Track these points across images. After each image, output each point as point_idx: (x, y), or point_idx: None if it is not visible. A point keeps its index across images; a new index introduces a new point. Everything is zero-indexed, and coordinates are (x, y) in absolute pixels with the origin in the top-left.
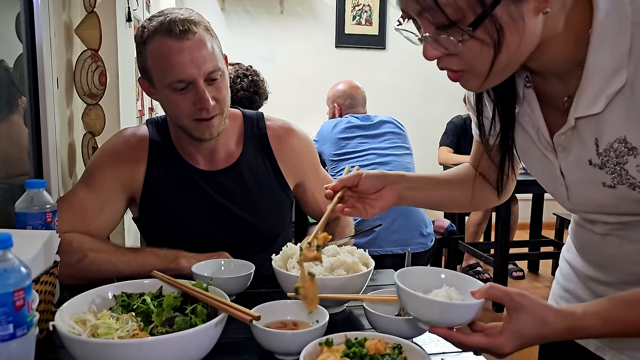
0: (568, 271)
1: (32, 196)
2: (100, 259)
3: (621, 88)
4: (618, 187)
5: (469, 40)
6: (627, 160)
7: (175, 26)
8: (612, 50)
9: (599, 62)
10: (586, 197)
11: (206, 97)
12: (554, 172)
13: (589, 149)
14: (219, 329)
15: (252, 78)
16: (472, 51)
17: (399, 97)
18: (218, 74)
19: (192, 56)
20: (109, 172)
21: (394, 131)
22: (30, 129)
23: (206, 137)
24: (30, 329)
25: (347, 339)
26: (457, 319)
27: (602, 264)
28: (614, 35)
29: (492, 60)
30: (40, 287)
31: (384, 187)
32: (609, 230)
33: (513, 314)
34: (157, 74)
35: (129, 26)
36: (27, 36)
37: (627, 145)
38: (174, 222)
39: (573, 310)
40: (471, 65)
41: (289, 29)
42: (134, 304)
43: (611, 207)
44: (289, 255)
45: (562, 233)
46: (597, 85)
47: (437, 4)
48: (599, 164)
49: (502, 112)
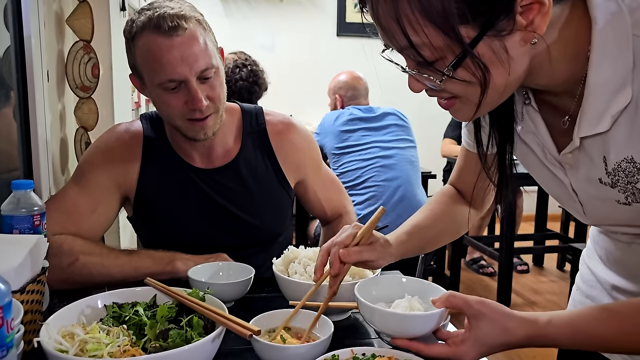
0: (590, 277)
1: (19, 198)
2: (92, 263)
3: (627, 105)
4: (633, 205)
5: (450, 80)
6: (637, 180)
7: (164, 22)
8: (614, 66)
9: (601, 79)
10: (602, 214)
11: (199, 97)
12: (566, 190)
13: (598, 168)
14: (216, 344)
15: (252, 68)
16: (457, 88)
17: (402, 88)
18: (212, 71)
19: (183, 54)
20: (101, 170)
21: (397, 123)
22: (19, 125)
23: (200, 137)
24: (11, 350)
25: (353, 356)
26: (417, 330)
27: (629, 273)
28: (614, 50)
29: (480, 96)
30: (27, 296)
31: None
32: (633, 239)
33: (473, 322)
34: (147, 72)
35: (123, 15)
36: (14, 27)
37: (635, 165)
38: (170, 222)
39: (535, 318)
40: (460, 97)
41: (289, 17)
42: (125, 315)
43: (631, 221)
44: (291, 259)
45: (568, 226)
46: (600, 103)
47: (412, 46)
48: (609, 183)
49: (499, 130)
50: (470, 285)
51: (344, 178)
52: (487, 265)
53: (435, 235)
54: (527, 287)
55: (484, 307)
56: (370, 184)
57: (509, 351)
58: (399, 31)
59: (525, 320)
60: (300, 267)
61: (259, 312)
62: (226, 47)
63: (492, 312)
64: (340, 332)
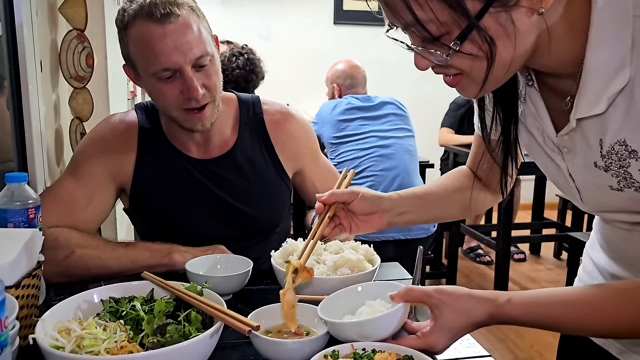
0: (592, 269)
1: (13, 191)
2: (88, 255)
3: (624, 87)
4: (625, 191)
5: (457, 54)
6: (629, 164)
7: (156, 9)
8: (613, 47)
9: (599, 60)
10: (598, 200)
11: (194, 85)
12: (563, 176)
13: (594, 151)
14: (214, 339)
15: (248, 56)
16: (464, 63)
17: (400, 76)
18: (207, 59)
19: (177, 42)
20: (96, 161)
21: (395, 112)
22: (12, 116)
23: (198, 128)
24: (5, 349)
25: (354, 352)
26: (383, 331)
27: (629, 261)
28: (614, 31)
29: (487, 68)
30: (22, 291)
31: (375, 213)
32: (632, 227)
33: (436, 311)
34: (140, 62)
35: (117, 3)
36: (6, 15)
37: (627, 148)
38: (166, 213)
39: (495, 297)
40: (467, 72)
41: (286, 5)
42: (122, 310)
43: (625, 207)
44: (289, 252)
45: (565, 214)
46: (598, 84)
47: (418, 22)
48: (603, 167)
49: (503, 111)
50: (468, 274)
51: (341, 167)
52: (484, 254)
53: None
54: (524, 275)
55: (443, 294)
56: (368, 174)
57: (507, 340)
58: (403, 7)
59: (485, 299)
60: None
61: (257, 305)
62: (222, 35)
63: (451, 298)
64: None
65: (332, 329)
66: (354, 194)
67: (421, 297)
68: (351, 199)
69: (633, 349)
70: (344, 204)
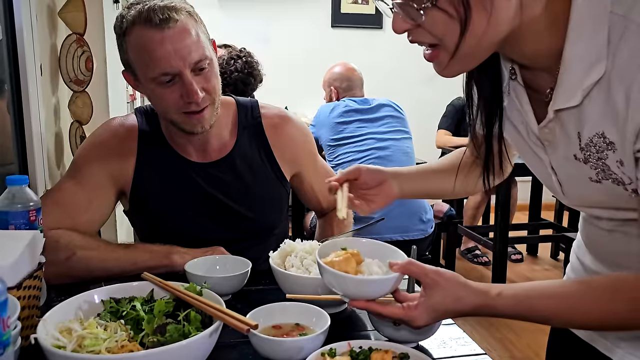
0: (578, 267)
1: (14, 193)
2: (89, 257)
3: (599, 80)
4: (604, 183)
5: (433, 11)
6: (607, 156)
7: (155, 15)
8: (590, 41)
9: (576, 53)
10: (579, 193)
11: (194, 89)
12: (545, 169)
13: (574, 143)
14: (213, 338)
15: (246, 59)
16: (437, 24)
17: (397, 79)
18: (206, 62)
19: (175, 46)
20: (96, 165)
21: (392, 115)
22: (12, 119)
23: (198, 130)
24: (8, 348)
25: (351, 350)
26: (374, 293)
27: (611, 261)
28: (591, 26)
29: (459, 38)
30: (24, 292)
31: (385, 181)
32: (614, 226)
33: (428, 290)
34: (140, 67)
35: (116, 8)
36: (5, 20)
37: (605, 140)
38: (166, 216)
39: (487, 289)
40: (440, 40)
41: (284, 8)
42: (123, 310)
43: (605, 202)
44: (287, 252)
45: (562, 215)
46: (575, 76)
47: None
48: (582, 159)
49: (486, 106)
50: (465, 274)
51: (339, 170)
52: (481, 255)
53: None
54: (522, 276)
55: (440, 277)
56: None
57: (504, 339)
58: None
59: (478, 290)
60: (297, 260)
61: (256, 305)
62: (220, 39)
63: (447, 282)
64: (336, 325)
65: (328, 277)
66: (358, 169)
67: (418, 273)
68: (357, 174)
69: (618, 344)
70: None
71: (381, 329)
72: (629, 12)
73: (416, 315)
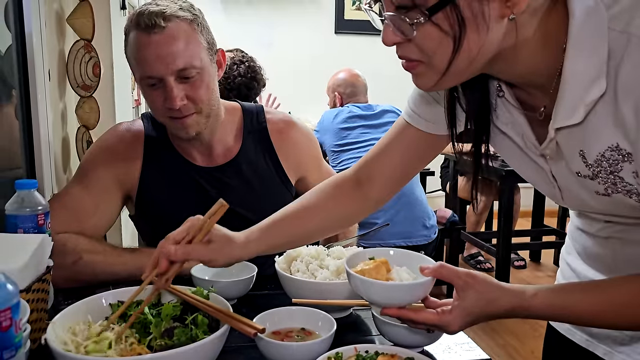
0: (570, 273)
1: (23, 197)
2: (96, 261)
3: (602, 96)
4: (613, 196)
5: (427, 26)
6: (622, 168)
7: (142, 19)
8: (589, 58)
9: (576, 71)
10: (580, 201)
11: (173, 95)
12: (545, 177)
13: (576, 161)
14: (221, 342)
15: (249, 64)
16: (430, 40)
17: (401, 85)
18: (193, 71)
19: (160, 52)
20: (103, 169)
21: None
22: (21, 124)
23: (182, 135)
24: (20, 350)
25: (357, 354)
26: (405, 299)
27: (608, 268)
28: (590, 43)
29: (452, 54)
30: (32, 295)
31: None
32: (610, 233)
33: (461, 292)
34: (132, 68)
35: (123, 14)
36: (16, 26)
37: (621, 152)
38: (171, 220)
39: (523, 290)
40: (429, 57)
41: (288, 14)
42: (130, 314)
43: (607, 211)
44: (293, 257)
45: (565, 221)
46: (575, 94)
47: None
48: (589, 175)
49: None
50: None
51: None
52: (484, 261)
53: (308, 229)
54: (525, 282)
55: (472, 279)
56: None
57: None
58: None
59: (512, 291)
60: (302, 265)
61: (261, 309)
62: (224, 44)
63: (480, 284)
64: (342, 329)
65: (358, 285)
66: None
67: (450, 277)
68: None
69: (618, 349)
70: None
71: (386, 333)
72: (628, 27)
73: (450, 320)
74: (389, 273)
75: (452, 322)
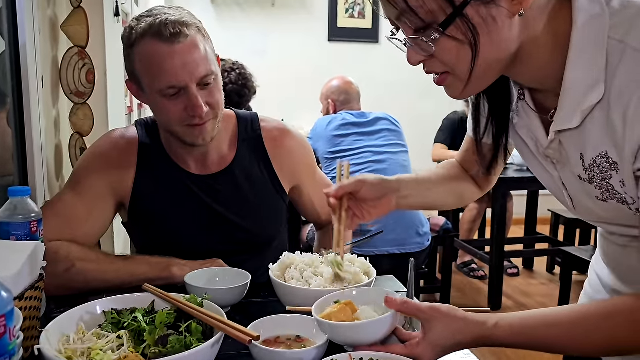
0: (596, 282)
1: (16, 204)
2: (88, 269)
3: (599, 102)
4: (609, 202)
5: (443, 40)
6: (611, 176)
7: (166, 29)
8: (589, 65)
9: (576, 76)
10: (587, 209)
11: (199, 103)
12: (556, 183)
13: (577, 164)
14: (215, 349)
15: (240, 72)
16: (449, 52)
17: (393, 92)
18: (211, 77)
19: (184, 61)
20: (96, 176)
21: (389, 128)
22: (14, 131)
23: (199, 142)
24: (13, 357)
25: None
26: (373, 336)
27: (626, 276)
28: (591, 50)
29: (472, 61)
30: (25, 303)
31: (384, 196)
32: (627, 242)
33: (427, 325)
34: (146, 79)
35: (117, 21)
36: (9, 33)
37: (608, 161)
38: (165, 228)
39: (484, 321)
40: (452, 67)
41: (281, 22)
42: (124, 322)
43: (613, 219)
44: (287, 265)
45: (557, 229)
46: (574, 99)
47: (409, 7)
48: (587, 179)
49: (497, 123)
50: (462, 288)
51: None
52: (478, 269)
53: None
54: (518, 289)
55: (436, 311)
56: None
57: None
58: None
59: (475, 322)
60: (296, 272)
61: (255, 317)
62: (217, 51)
63: (444, 316)
64: None
65: (327, 331)
66: (361, 183)
67: (414, 312)
68: (359, 188)
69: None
70: (352, 195)
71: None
72: (626, 37)
73: (420, 353)
74: (355, 313)
75: (422, 354)
